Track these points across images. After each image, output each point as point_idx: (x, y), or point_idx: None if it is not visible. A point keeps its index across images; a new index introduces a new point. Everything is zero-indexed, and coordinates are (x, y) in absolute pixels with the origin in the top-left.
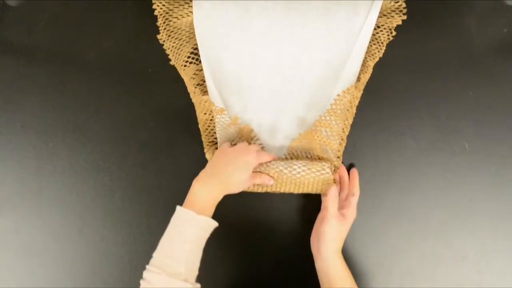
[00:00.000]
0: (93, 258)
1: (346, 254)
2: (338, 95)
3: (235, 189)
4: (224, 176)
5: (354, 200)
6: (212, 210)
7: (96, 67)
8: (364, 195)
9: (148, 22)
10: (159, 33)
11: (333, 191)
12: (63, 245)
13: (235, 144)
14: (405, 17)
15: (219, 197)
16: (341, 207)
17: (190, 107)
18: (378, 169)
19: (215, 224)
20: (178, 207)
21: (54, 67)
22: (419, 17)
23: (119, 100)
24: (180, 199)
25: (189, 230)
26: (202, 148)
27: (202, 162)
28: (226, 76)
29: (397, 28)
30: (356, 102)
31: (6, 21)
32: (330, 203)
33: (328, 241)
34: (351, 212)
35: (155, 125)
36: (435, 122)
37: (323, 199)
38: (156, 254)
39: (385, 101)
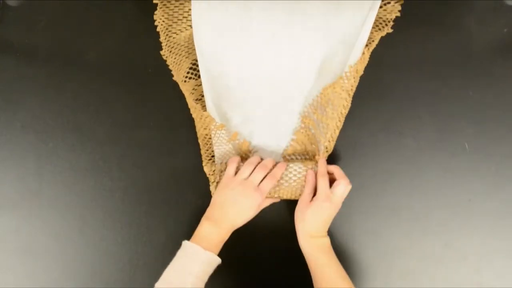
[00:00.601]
0: (93, 258)
1: (346, 253)
2: (317, 95)
3: (242, 224)
4: (231, 219)
5: (341, 186)
6: (218, 249)
7: (96, 67)
8: (364, 195)
9: (148, 22)
10: (159, 33)
11: (308, 176)
12: (63, 245)
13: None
14: (391, 31)
15: (226, 237)
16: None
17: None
18: (378, 169)
19: (218, 260)
20: (185, 242)
21: (54, 67)
22: (419, 17)
23: (119, 100)
24: (180, 199)
25: (194, 264)
26: None
27: (201, 163)
28: (225, 87)
29: (397, 28)
30: (344, 111)
31: (6, 21)
32: (306, 186)
33: (297, 223)
34: (321, 199)
35: (155, 125)
36: (435, 122)
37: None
38: (158, 284)
39: (385, 101)
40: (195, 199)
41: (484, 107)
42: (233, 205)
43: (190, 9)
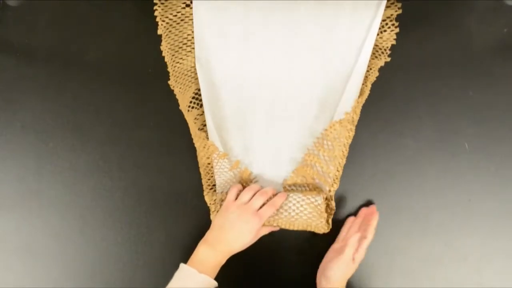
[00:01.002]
0: (93, 258)
1: None
2: (325, 129)
3: (240, 249)
4: (229, 243)
5: (366, 243)
6: (215, 272)
7: (96, 67)
8: (364, 195)
9: (148, 22)
10: (159, 33)
11: (355, 238)
12: (63, 245)
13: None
14: (389, 59)
15: (223, 261)
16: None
17: None
18: (378, 169)
19: (214, 283)
20: (181, 264)
21: (54, 67)
22: (419, 17)
23: (119, 100)
24: (179, 199)
25: (190, 286)
26: None
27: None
28: (225, 116)
29: (397, 27)
30: (347, 141)
31: (6, 21)
32: (349, 247)
33: (333, 281)
34: (361, 255)
35: (155, 125)
36: (435, 122)
37: (341, 236)
38: None
39: (385, 101)
40: (195, 199)
41: (484, 107)
42: (231, 229)
43: (188, 35)
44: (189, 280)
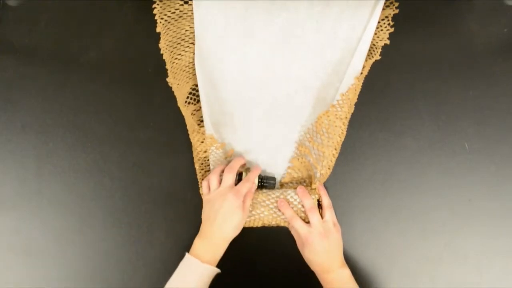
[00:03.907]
0: (93, 258)
1: (346, 254)
2: (315, 121)
3: (235, 233)
4: (221, 231)
5: (312, 220)
6: (215, 263)
7: (96, 67)
8: (364, 195)
9: (148, 22)
10: (157, 31)
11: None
12: (63, 245)
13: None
14: (379, 57)
15: (221, 251)
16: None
17: None
18: (378, 169)
19: (217, 270)
20: (186, 254)
21: (54, 67)
22: (419, 17)
23: (119, 100)
24: (180, 199)
25: (193, 275)
26: None
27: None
28: (224, 114)
29: (397, 28)
30: (339, 139)
31: (6, 21)
32: (293, 231)
33: (313, 262)
34: (309, 235)
35: (155, 125)
36: (435, 122)
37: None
38: None
39: (385, 101)
40: (195, 199)
41: (484, 107)
42: (216, 216)
43: (186, 30)
44: (192, 269)
